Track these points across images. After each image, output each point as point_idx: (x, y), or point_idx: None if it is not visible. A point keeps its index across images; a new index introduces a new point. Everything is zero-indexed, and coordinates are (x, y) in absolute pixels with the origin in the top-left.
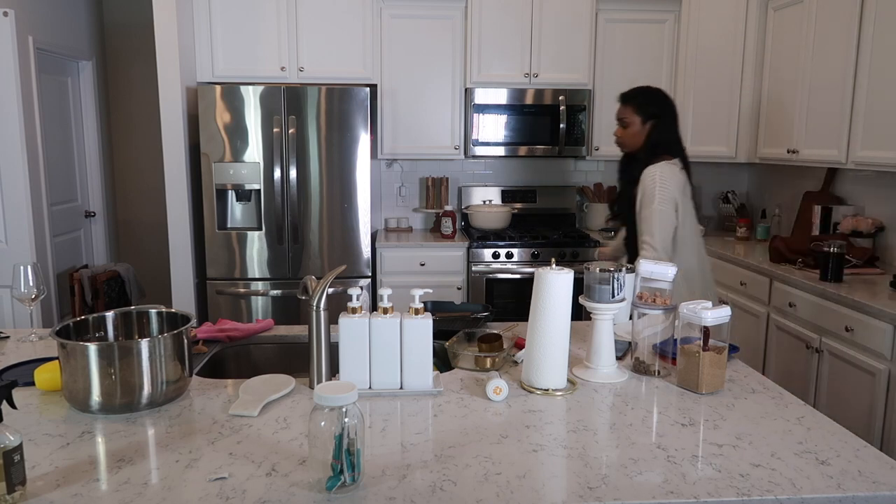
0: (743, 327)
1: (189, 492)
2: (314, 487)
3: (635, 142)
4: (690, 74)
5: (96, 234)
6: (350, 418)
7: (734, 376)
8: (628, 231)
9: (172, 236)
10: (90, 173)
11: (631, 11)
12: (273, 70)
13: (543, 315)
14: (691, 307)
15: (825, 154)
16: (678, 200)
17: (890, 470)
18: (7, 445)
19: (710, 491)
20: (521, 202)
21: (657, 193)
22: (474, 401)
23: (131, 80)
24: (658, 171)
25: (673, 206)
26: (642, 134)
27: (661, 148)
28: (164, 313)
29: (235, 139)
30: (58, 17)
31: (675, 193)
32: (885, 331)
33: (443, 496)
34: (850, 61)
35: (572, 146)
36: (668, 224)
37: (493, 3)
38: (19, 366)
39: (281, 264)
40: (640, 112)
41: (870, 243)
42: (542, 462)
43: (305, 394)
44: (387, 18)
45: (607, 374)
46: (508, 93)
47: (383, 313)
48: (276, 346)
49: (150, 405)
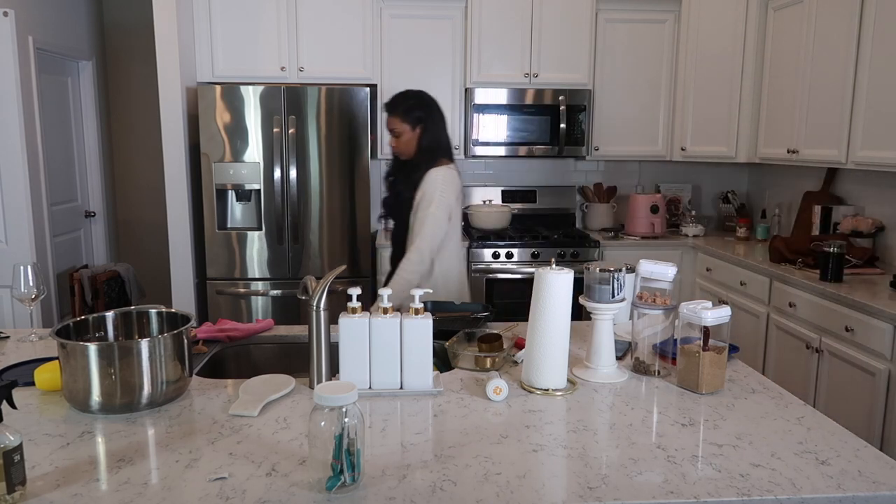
0: (743, 327)
1: (189, 492)
2: (314, 487)
3: (410, 149)
4: (690, 74)
5: (96, 234)
6: (350, 418)
7: (734, 376)
8: (397, 226)
9: (172, 236)
10: (90, 173)
11: (631, 11)
12: (273, 70)
13: (543, 315)
14: (691, 307)
15: (825, 154)
16: (452, 208)
17: (890, 470)
18: (7, 445)
19: (710, 491)
20: (521, 202)
21: (436, 198)
22: (474, 401)
23: (131, 80)
24: (441, 176)
25: (447, 213)
26: (414, 140)
27: (438, 152)
28: (164, 313)
29: (235, 139)
30: (58, 17)
31: (451, 200)
32: (885, 331)
33: (443, 496)
34: (850, 61)
35: (572, 146)
36: (440, 230)
37: (493, 3)
38: (19, 366)
39: (281, 264)
40: (406, 119)
41: (870, 243)
42: (542, 462)
43: (305, 394)
44: (387, 18)
45: (607, 374)
46: (508, 93)
47: (383, 313)
48: (276, 346)
49: (150, 405)
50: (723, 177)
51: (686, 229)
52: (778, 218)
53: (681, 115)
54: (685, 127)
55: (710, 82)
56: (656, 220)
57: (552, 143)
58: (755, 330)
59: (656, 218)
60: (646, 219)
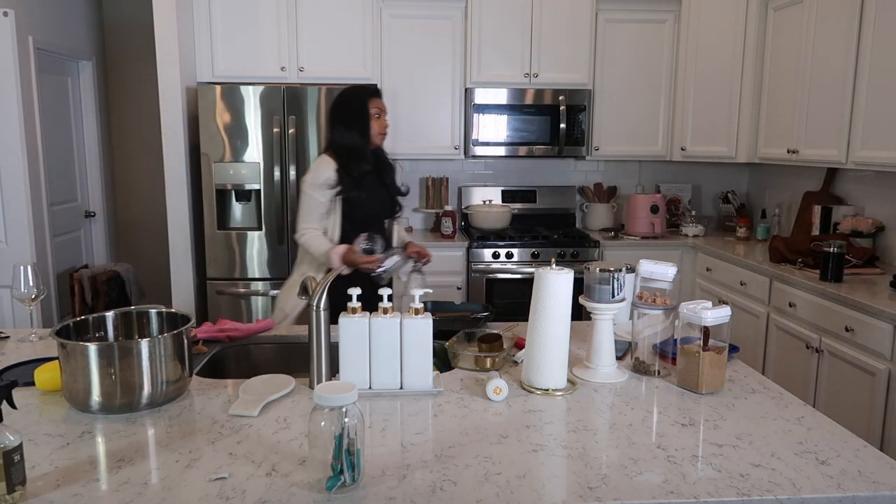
0: (743, 327)
1: (189, 492)
2: (314, 487)
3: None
4: (690, 74)
5: (96, 235)
6: (350, 418)
7: (734, 376)
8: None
9: (172, 236)
10: (90, 173)
11: (631, 11)
12: (273, 70)
13: (543, 315)
14: (691, 307)
15: (825, 154)
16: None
17: (890, 470)
18: (7, 445)
19: (710, 491)
20: (521, 202)
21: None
22: (474, 401)
23: (131, 80)
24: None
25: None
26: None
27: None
28: (164, 313)
29: (235, 139)
30: (58, 17)
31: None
32: (885, 331)
33: (443, 496)
34: (849, 61)
35: (572, 146)
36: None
37: (493, 3)
38: (19, 366)
39: (281, 264)
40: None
41: (870, 243)
42: (542, 462)
43: (305, 394)
44: (387, 18)
45: (607, 374)
46: (508, 93)
47: (383, 313)
48: (276, 346)
49: (150, 405)
50: (723, 177)
51: (686, 229)
52: (778, 218)
53: (681, 115)
54: (685, 127)
55: (710, 82)
56: (656, 220)
57: (552, 143)
58: (755, 330)
59: (656, 218)
60: (646, 219)
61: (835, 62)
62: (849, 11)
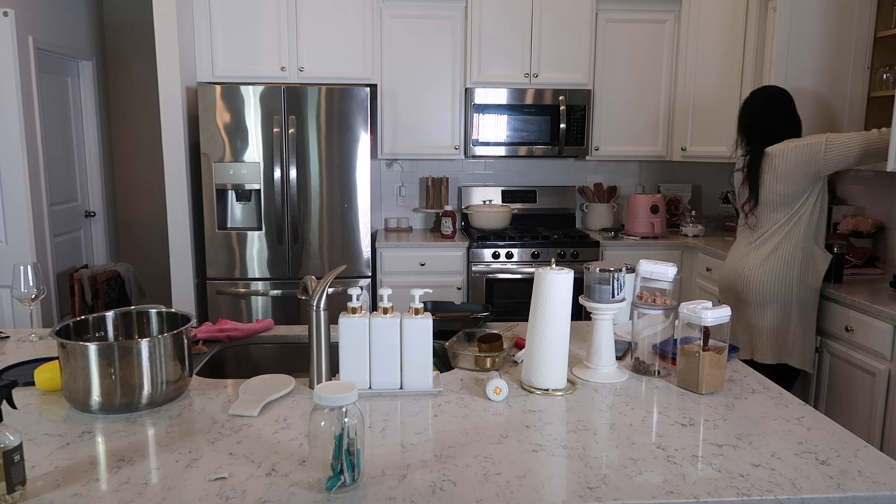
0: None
1: (189, 492)
2: (314, 487)
3: None
4: (690, 74)
5: (96, 234)
6: (350, 418)
7: (734, 376)
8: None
9: (172, 236)
10: (90, 173)
11: (631, 11)
12: (273, 70)
13: (543, 315)
14: (691, 307)
15: None
16: None
17: (890, 470)
18: (7, 445)
19: (710, 491)
20: (521, 202)
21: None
22: (474, 401)
23: (131, 79)
24: None
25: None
26: None
27: None
28: (164, 313)
29: (235, 139)
30: (58, 17)
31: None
32: (885, 331)
33: (443, 496)
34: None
35: (572, 146)
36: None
37: (493, 3)
38: (19, 366)
39: (281, 264)
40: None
41: (870, 244)
42: (542, 462)
43: (305, 394)
44: (387, 18)
45: (607, 374)
46: (508, 93)
47: (383, 313)
48: (276, 346)
49: (150, 405)
50: (723, 177)
51: (686, 229)
52: None
53: (681, 115)
54: (685, 127)
55: (710, 82)
56: (656, 220)
57: (552, 143)
58: None
59: (656, 218)
60: (646, 219)
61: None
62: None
